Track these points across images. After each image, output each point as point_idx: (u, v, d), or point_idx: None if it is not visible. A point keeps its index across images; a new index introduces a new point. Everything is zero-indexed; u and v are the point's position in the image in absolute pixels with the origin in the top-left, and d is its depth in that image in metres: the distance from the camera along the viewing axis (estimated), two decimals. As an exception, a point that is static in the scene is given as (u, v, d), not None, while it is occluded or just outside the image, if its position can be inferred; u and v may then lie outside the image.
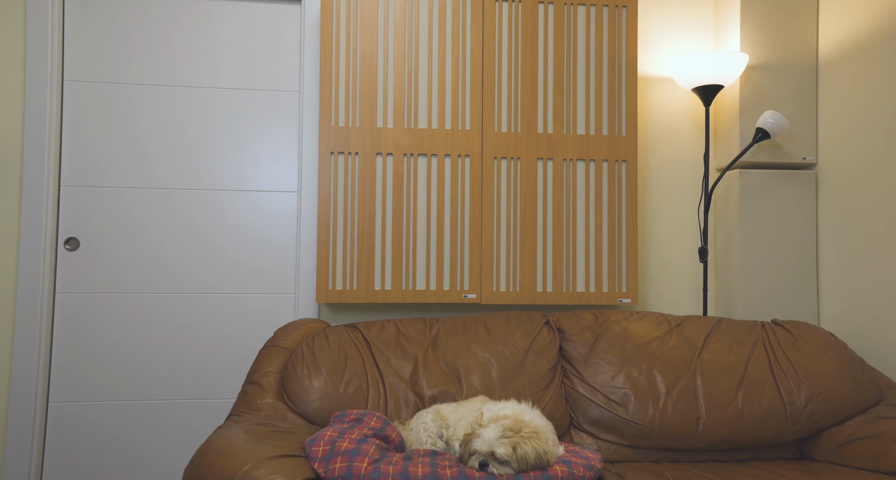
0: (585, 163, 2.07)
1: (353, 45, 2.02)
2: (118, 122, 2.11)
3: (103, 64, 2.11)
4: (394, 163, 2.02)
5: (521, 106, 2.05)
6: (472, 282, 2.01)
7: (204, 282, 2.12)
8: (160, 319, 2.09)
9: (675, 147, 2.24)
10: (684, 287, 2.22)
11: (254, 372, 1.60)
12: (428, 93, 2.03)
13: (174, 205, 2.12)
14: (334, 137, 2.00)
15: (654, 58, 2.24)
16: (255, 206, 2.16)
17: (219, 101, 2.15)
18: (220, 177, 2.15)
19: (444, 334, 1.77)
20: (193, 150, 2.14)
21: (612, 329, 1.77)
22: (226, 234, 2.14)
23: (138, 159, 2.11)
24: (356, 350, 1.68)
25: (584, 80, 2.08)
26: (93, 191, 2.10)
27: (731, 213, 2.11)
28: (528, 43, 2.06)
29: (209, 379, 2.11)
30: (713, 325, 1.80)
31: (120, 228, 2.10)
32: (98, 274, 2.08)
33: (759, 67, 2.08)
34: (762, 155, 2.08)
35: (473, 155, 2.04)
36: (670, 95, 2.24)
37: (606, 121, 2.07)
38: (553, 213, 2.05)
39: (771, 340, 1.73)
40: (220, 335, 2.12)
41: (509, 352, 1.71)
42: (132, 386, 2.07)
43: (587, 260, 2.05)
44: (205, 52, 2.15)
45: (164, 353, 2.09)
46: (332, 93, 2.00)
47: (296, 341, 1.71)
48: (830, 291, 2.02)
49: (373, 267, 1.99)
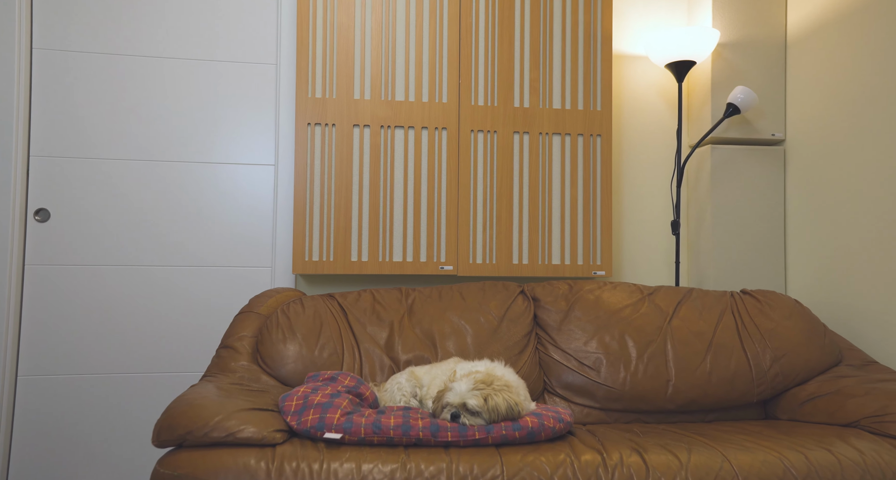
0: (561, 137, 2.09)
1: (330, 16, 2.01)
2: (90, 93, 2.07)
3: (76, 32, 2.07)
4: (371, 135, 2.02)
5: (498, 79, 2.07)
6: (449, 254, 2.03)
7: (179, 255, 2.10)
8: (134, 292, 2.07)
9: (649, 122, 2.28)
10: (658, 259, 2.26)
11: (228, 337, 1.60)
12: (405, 65, 2.03)
13: (148, 177, 2.10)
14: (311, 108, 1.99)
15: (630, 35, 2.27)
16: (232, 179, 2.14)
17: (196, 73, 2.13)
18: (196, 150, 2.12)
19: (420, 302, 1.78)
20: (169, 122, 2.11)
21: (586, 297, 1.80)
22: (202, 207, 2.12)
23: (113, 130, 2.08)
24: (332, 316, 1.68)
25: (560, 55, 2.10)
26: (64, 162, 2.06)
27: (702, 187, 2.15)
28: (505, 17, 2.08)
29: (185, 351, 2.09)
30: (684, 294, 1.83)
31: (92, 200, 2.06)
32: (70, 246, 2.05)
33: (731, 45, 2.12)
34: (733, 131, 2.12)
35: (450, 127, 2.05)
36: (645, 73, 2.27)
37: (582, 95, 2.10)
38: (529, 186, 2.07)
39: (739, 307, 1.77)
40: (196, 307, 2.10)
41: (484, 319, 1.73)
42: (104, 358, 2.04)
43: (562, 233, 2.07)
44: (183, 22, 2.13)
45: (138, 326, 2.06)
46: (309, 65, 1.99)
47: (271, 308, 1.71)
48: (797, 261, 2.08)
49: (350, 239, 1.99)
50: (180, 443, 1.11)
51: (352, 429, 1.15)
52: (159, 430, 1.12)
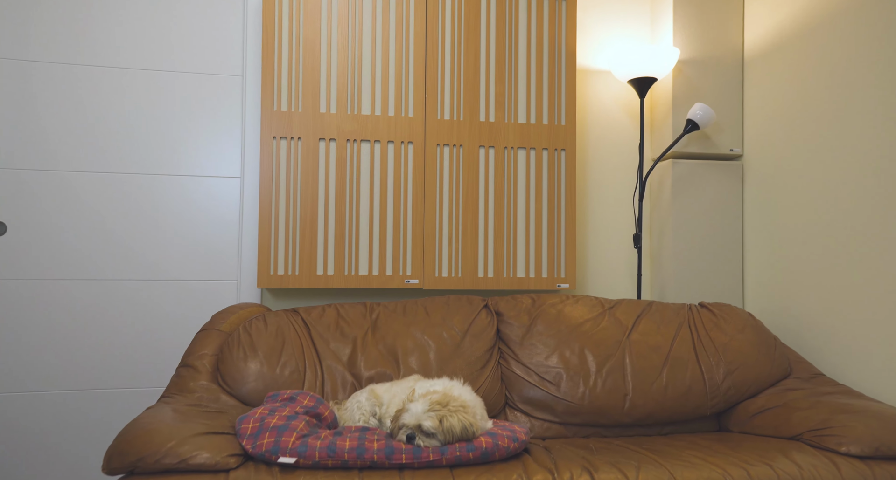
0: (526, 152, 2.12)
1: (296, 29, 2.01)
2: (51, 104, 2.04)
3: (36, 42, 2.03)
4: (337, 148, 2.02)
5: (463, 94, 2.09)
6: (415, 268, 2.04)
7: (143, 268, 2.08)
8: (96, 306, 2.04)
9: (613, 137, 2.32)
10: (621, 272, 2.30)
11: (188, 355, 1.59)
12: (371, 79, 2.04)
13: (111, 190, 2.07)
14: (277, 122, 1.98)
15: (594, 50, 2.31)
16: (197, 192, 2.12)
17: (160, 84, 2.11)
18: (161, 161, 2.10)
19: (385, 317, 1.79)
20: (133, 133, 2.08)
21: (548, 311, 1.83)
22: (166, 220, 2.10)
23: (74, 142, 2.05)
24: (295, 333, 1.68)
25: (525, 70, 2.12)
26: (22, 174, 2.02)
27: (664, 201, 2.20)
28: (471, 32, 2.09)
29: (149, 366, 2.07)
30: (644, 308, 1.88)
31: (52, 213, 2.03)
32: (28, 259, 2.01)
33: (691, 62, 2.17)
34: (693, 146, 2.17)
35: (416, 141, 2.06)
36: (608, 87, 2.31)
37: (546, 110, 2.13)
38: (494, 200, 2.09)
39: (696, 321, 1.82)
40: (161, 321, 2.08)
41: (447, 335, 1.75)
42: (64, 375, 2.01)
43: (527, 246, 2.10)
44: (147, 33, 2.10)
45: (100, 341, 2.04)
46: (275, 78, 1.99)
47: (233, 325, 1.70)
48: (753, 274, 2.14)
49: (315, 253, 1.99)
50: (131, 470, 1.11)
51: (306, 453, 1.16)
52: (110, 457, 1.12)
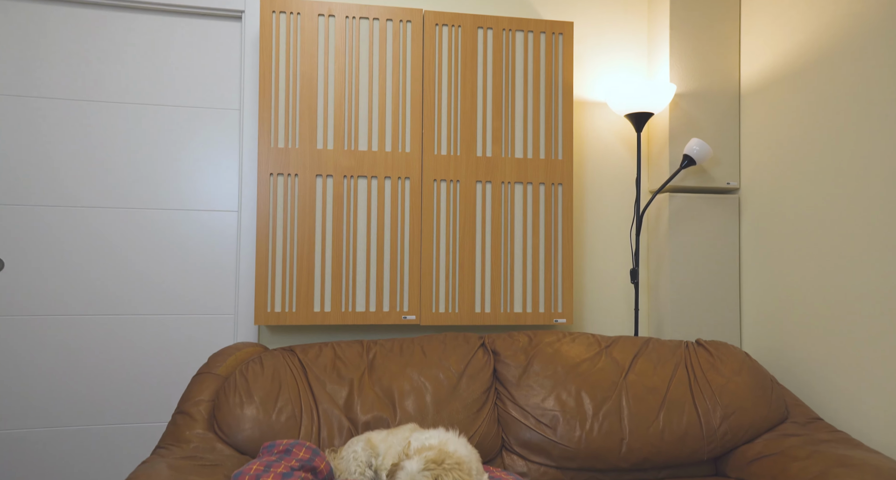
0: (523, 186, 2.12)
1: (292, 65, 2.01)
2: (44, 139, 2.04)
3: (29, 77, 2.04)
4: (334, 184, 2.02)
5: (460, 129, 2.09)
6: (412, 304, 2.04)
7: (141, 304, 2.08)
8: (95, 342, 2.04)
9: (610, 170, 2.32)
10: (619, 306, 2.30)
11: (184, 401, 1.59)
12: (368, 115, 2.04)
13: (107, 225, 2.07)
14: (274, 158, 1.99)
15: (591, 82, 2.31)
16: (195, 226, 2.12)
17: (157, 118, 2.11)
18: (158, 196, 2.10)
19: (381, 357, 1.79)
20: (131, 168, 2.09)
21: (545, 350, 1.83)
22: (164, 254, 2.10)
23: (71, 177, 2.05)
24: (291, 376, 1.68)
25: (521, 105, 2.13)
26: (17, 210, 2.02)
27: (661, 235, 2.20)
28: (467, 67, 2.10)
29: (146, 402, 2.06)
30: (641, 346, 1.87)
31: (48, 249, 2.03)
32: (25, 296, 2.01)
33: (688, 95, 2.17)
34: (690, 179, 2.18)
35: (413, 177, 2.06)
36: (605, 119, 2.32)
37: (543, 144, 2.13)
38: (491, 235, 2.09)
39: (692, 361, 1.82)
40: (159, 357, 2.08)
41: (444, 376, 1.75)
42: (63, 411, 2.01)
43: (524, 282, 2.10)
44: (143, 67, 2.10)
45: (98, 377, 2.03)
46: (272, 115, 1.99)
47: (230, 367, 1.70)
48: (750, 310, 2.14)
49: (312, 289, 1.99)
50: (126, 536, 1.10)
51: (301, 515, 1.16)
52: (105, 522, 1.11)
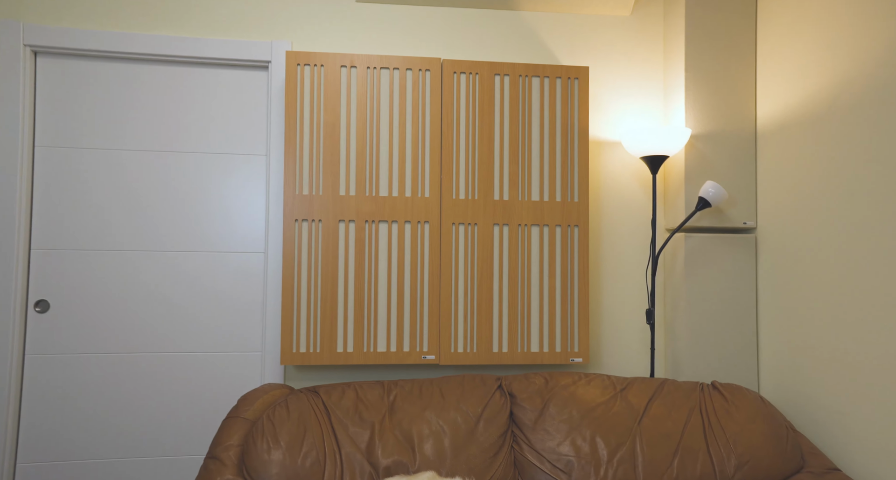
0: (539, 228, 2.17)
1: (316, 115, 2.10)
2: (87, 186, 2.17)
3: (73, 130, 2.17)
4: (356, 229, 2.10)
5: (478, 174, 2.15)
6: (431, 344, 2.10)
7: (175, 342, 2.19)
8: (133, 379, 2.15)
9: (625, 209, 2.35)
10: (635, 346, 2.33)
11: (215, 446, 1.68)
12: (389, 161, 2.12)
13: (145, 267, 2.19)
14: (299, 205, 2.08)
15: (607, 122, 2.35)
16: (225, 267, 2.23)
17: (192, 165, 2.22)
18: (190, 239, 2.21)
19: (401, 400, 1.85)
20: (165, 212, 2.20)
21: (561, 393, 1.87)
22: (196, 294, 2.21)
23: (108, 222, 2.17)
24: (315, 419, 1.76)
25: (538, 149, 2.18)
26: (63, 254, 2.15)
27: (677, 275, 2.22)
28: (484, 113, 2.16)
29: (181, 435, 2.17)
30: (656, 389, 1.90)
31: (90, 290, 2.15)
32: (68, 335, 2.14)
33: (703, 137, 2.20)
34: (706, 219, 2.19)
35: (432, 221, 2.13)
36: (621, 158, 2.35)
37: (559, 187, 2.18)
38: (508, 276, 2.15)
39: (707, 406, 1.84)
40: (192, 393, 2.18)
41: (462, 420, 1.80)
42: (102, 445, 2.13)
43: (541, 321, 2.15)
44: (175, 116, 2.22)
45: (135, 412, 2.15)
46: (297, 162, 2.08)
47: (258, 411, 1.79)
48: (768, 352, 2.14)
49: (336, 330, 2.07)
50: None
51: None
52: None
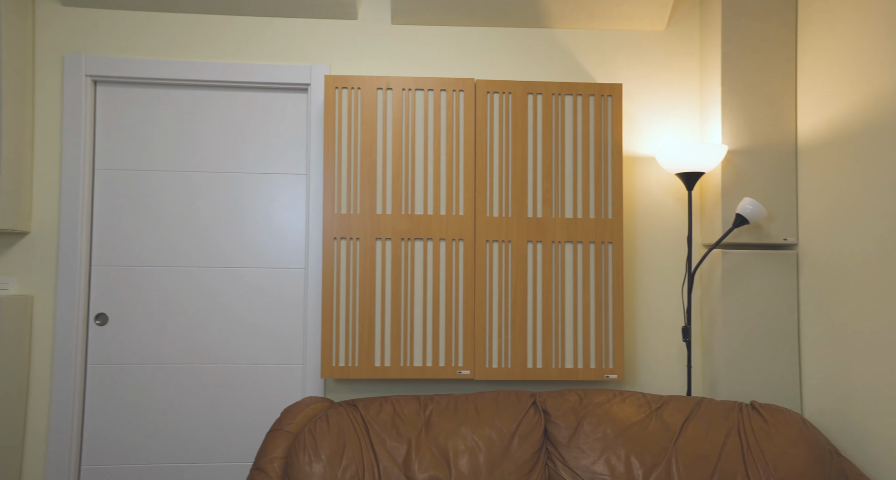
0: (573, 245, 2.18)
1: (353, 135, 2.17)
2: (141, 206, 2.31)
3: (129, 153, 2.31)
4: (392, 247, 2.16)
5: (511, 191, 2.18)
6: (466, 359, 2.14)
7: (222, 353, 2.30)
8: (183, 388, 2.28)
9: (660, 224, 2.34)
10: (671, 363, 2.31)
11: (260, 457, 1.76)
12: (424, 180, 2.17)
13: (193, 282, 2.31)
14: (337, 224, 2.15)
15: (641, 137, 2.34)
16: (267, 282, 2.33)
17: (242, 185, 2.33)
18: (235, 254, 2.32)
19: (437, 415, 1.90)
20: (211, 230, 2.32)
21: (595, 411, 1.88)
22: (240, 308, 2.31)
23: (160, 239, 2.31)
24: (354, 433, 1.82)
25: (571, 166, 2.19)
26: (119, 270, 2.30)
27: (714, 292, 2.20)
28: (518, 131, 2.19)
29: (227, 443, 2.28)
30: (692, 408, 1.89)
31: (143, 304, 2.29)
32: (124, 346, 2.28)
33: (740, 152, 2.17)
34: (744, 235, 2.16)
35: (467, 238, 2.17)
36: (655, 173, 2.34)
37: (593, 204, 2.19)
38: (542, 293, 2.17)
39: (745, 427, 1.82)
40: (238, 402, 2.29)
41: (496, 436, 1.84)
42: (157, 450, 2.26)
43: (575, 338, 2.16)
44: (222, 138, 2.34)
45: (186, 419, 2.27)
46: (335, 182, 2.16)
47: (300, 424, 1.87)
48: (811, 371, 2.09)
49: (373, 345, 2.14)
50: None
51: None
52: None
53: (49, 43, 2.24)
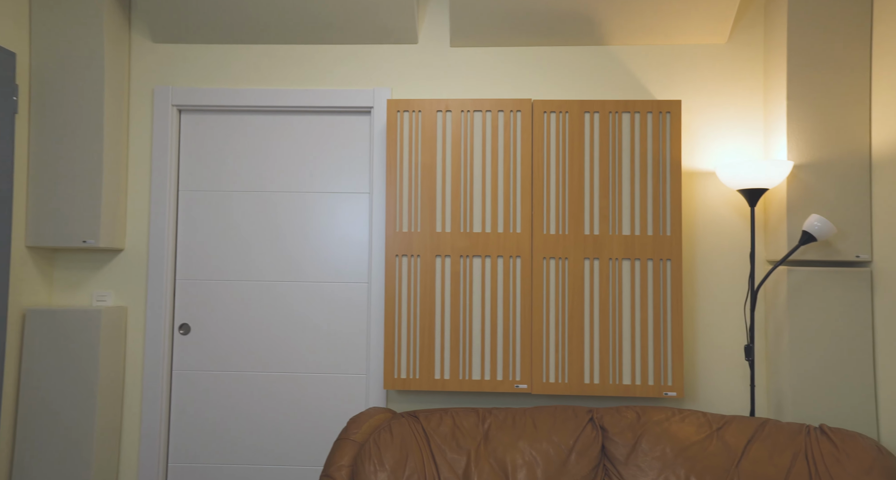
0: (631, 262, 2.19)
1: (414, 156, 2.27)
2: (220, 224, 2.50)
3: (209, 175, 2.51)
4: (451, 263, 2.24)
5: (568, 209, 2.21)
6: (524, 373, 2.19)
7: (291, 362, 2.45)
8: (256, 393, 2.45)
9: (721, 242, 2.30)
10: (733, 382, 2.26)
11: (329, 465, 1.88)
12: (482, 199, 2.24)
13: (265, 294, 2.47)
14: (399, 242, 2.26)
15: (702, 153, 2.32)
16: (333, 296, 2.46)
17: (307, 203, 2.49)
18: (304, 270, 2.47)
19: (496, 429, 1.96)
20: (287, 246, 2.48)
21: (653, 430, 1.89)
22: (308, 320, 2.46)
23: (236, 255, 2.49)
24: (416, 444, 1.91)
25: (628, 184, 2.20)
26: (200, 283, 2.49)
27: (779, 310, 2.14)
28: (574, 150, 2.22)
29: (302, 446, 2.43)
30: (756, 429, 1.86)
31: (221, 315, 2.47)
32: (204, 354, 2.47)
33: (808, 166, 2.11)
34: (812, 252, 2.10)
35: (524, 255, 2.22)
36: (715, 188, 2.30)
37: (651, 221, 2.19)
38: (599, 309, 2.19)
39: (814, 451, 1.77)
40: (307, 408, 2.44)
41: (554, 451, 1.87)
42: (235, 451, 2.43)
43: (633, 354, 2.16)
44: (290, 160, 2.50)
45: (260, 423, 2.44)
46: (397, 202, 2.26)
47: (365, 434, 1.97)
48: (889, 394, 2.00)
49: (433, 358, 2.22)
50: None
51: None
52: None
53: (141, 77, 2.47)
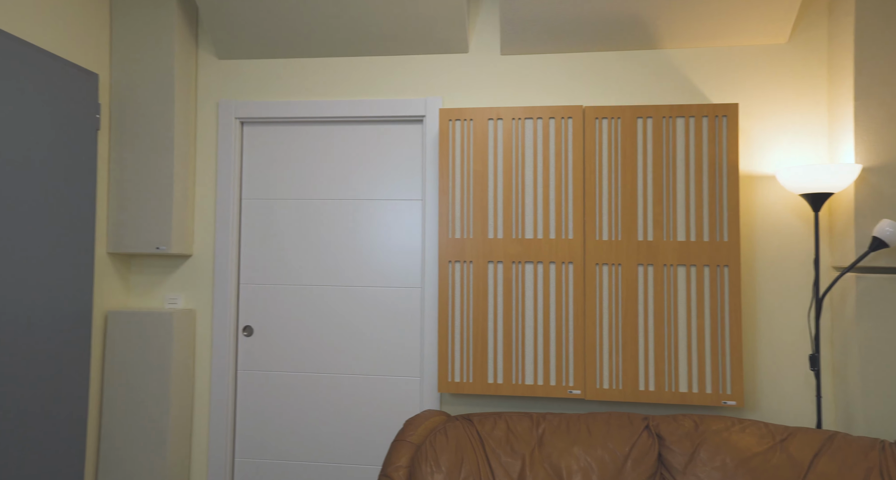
0: (686, 268, 2.16)
1: (466, 164, 2.31)
2: (281, 231, 2.61)
3: (270, 184, 2.62)
4: (503, 269, 2.27)
5: (621, 215, 2.20)
6: (577, 379, 2.20)
7: (348, 364, 2.54)
8: (316, 394, 2.54)
9: (782, 247, 2.23)
10: (797, 391, 2.20)
11: (387, 465, 1.94)
12: (534, 205, 2.26)
13: (325, 298, 2.57)
14: (452, 248, 2.30)
15: (761, 157, 2.26)
16: (388, 300, 2.53)
17: (363, 210, 2.57)
18: (360, 274, 2.56)
19: (550, 434, 1.98)
20: (339, 252, 2.57)
21: (712, 439, 1.86)
22: (364, 323, 2.54)
23: (296, 260, 2.59)
24: (471, 447, 1.95)
25: (683, 188, 2.17)
26: (262, 288, 2.61)
27: (847, 319, 2.07)
28: (627, 155, 2.21)
29: (361, 444, 2.51)
30: (823, 442, 1.80)
31: (283, 318, 2.59)
32: (266, 355, 2.59)
33: (877, 170, 2.02)
34: (883, 259, 2.02)
35: (576, 261, 2.22)
36: (775, 193, 2.24)
37: (707, 227, 2.15)
38: (654, 315, 2.17)
39: (890, 468, 1.71)
40: (363, 409, 2.52)
41: (609, 458, 1.88)
42: (296, 448, 2.54)
43: (689, 361, 2.13)
44: (345, 168, 2.58)
45: (319, 422, 2.53)
46: (450, 209, 2.31)
47: (420, 436, 2.03)
48: (964, 410, 1.90)
49: (486, 362, 2.26)
50: None
51: None
52: None
53: (207, 91, 2.61)
